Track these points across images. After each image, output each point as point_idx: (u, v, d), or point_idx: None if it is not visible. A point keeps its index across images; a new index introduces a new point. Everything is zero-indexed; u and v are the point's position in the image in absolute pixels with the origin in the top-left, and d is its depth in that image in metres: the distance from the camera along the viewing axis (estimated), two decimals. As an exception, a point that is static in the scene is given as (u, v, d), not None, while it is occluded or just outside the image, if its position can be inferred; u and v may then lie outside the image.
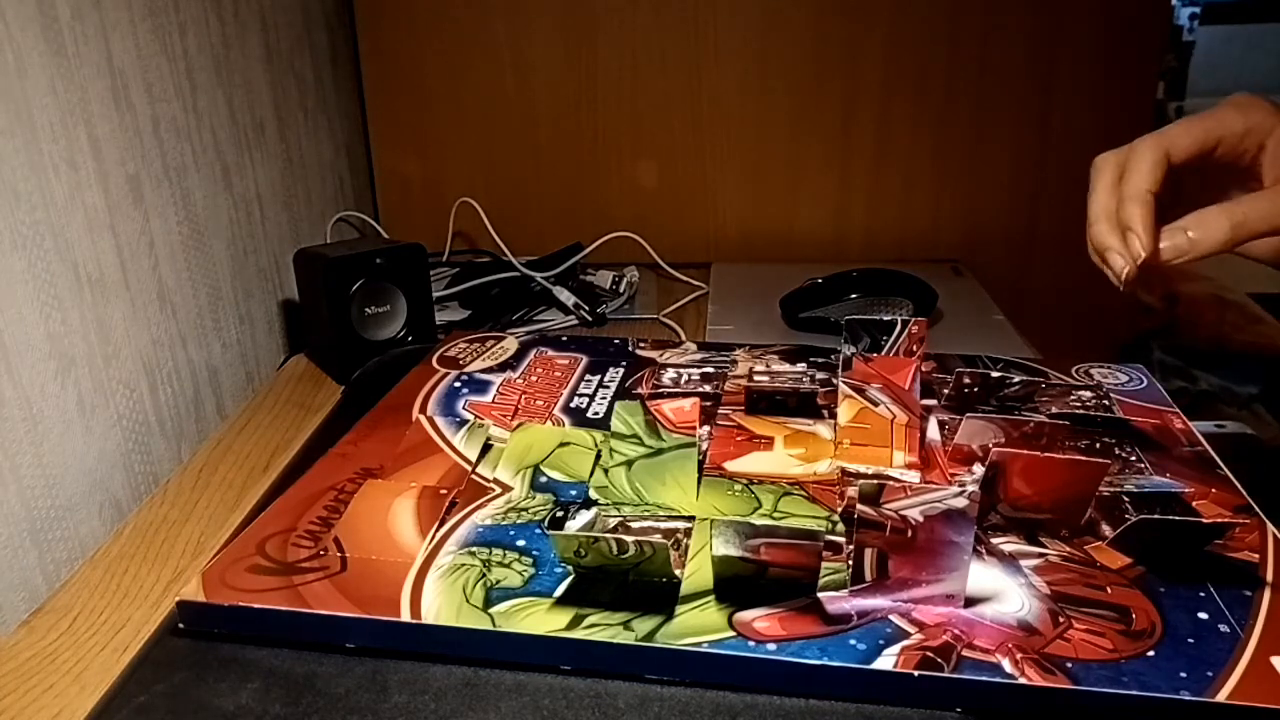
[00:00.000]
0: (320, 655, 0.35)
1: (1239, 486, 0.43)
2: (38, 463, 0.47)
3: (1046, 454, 0.39)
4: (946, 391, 0.51)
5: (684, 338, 0.76)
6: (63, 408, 0.49)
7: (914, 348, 0.50)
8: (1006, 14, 0.88)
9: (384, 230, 0.97)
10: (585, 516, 0.41)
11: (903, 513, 0.35)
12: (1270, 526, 0.40)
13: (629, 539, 0.35)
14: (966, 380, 0.50)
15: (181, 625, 0.37)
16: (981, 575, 0.37)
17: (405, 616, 0.35)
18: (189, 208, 0.63)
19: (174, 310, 0.61)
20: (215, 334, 0.67)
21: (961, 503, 0.34)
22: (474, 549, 0.39)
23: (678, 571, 0.37)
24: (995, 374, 0.50)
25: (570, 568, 0.37)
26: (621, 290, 0.84)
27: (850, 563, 0.36)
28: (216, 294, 0.67)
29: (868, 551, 0.35)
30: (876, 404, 0.46)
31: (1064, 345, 0.97)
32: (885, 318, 0.49)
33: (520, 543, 0.39)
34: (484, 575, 0.37)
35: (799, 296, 0.76)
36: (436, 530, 0.40)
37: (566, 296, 0.80)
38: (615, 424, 0.46)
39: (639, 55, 0.92)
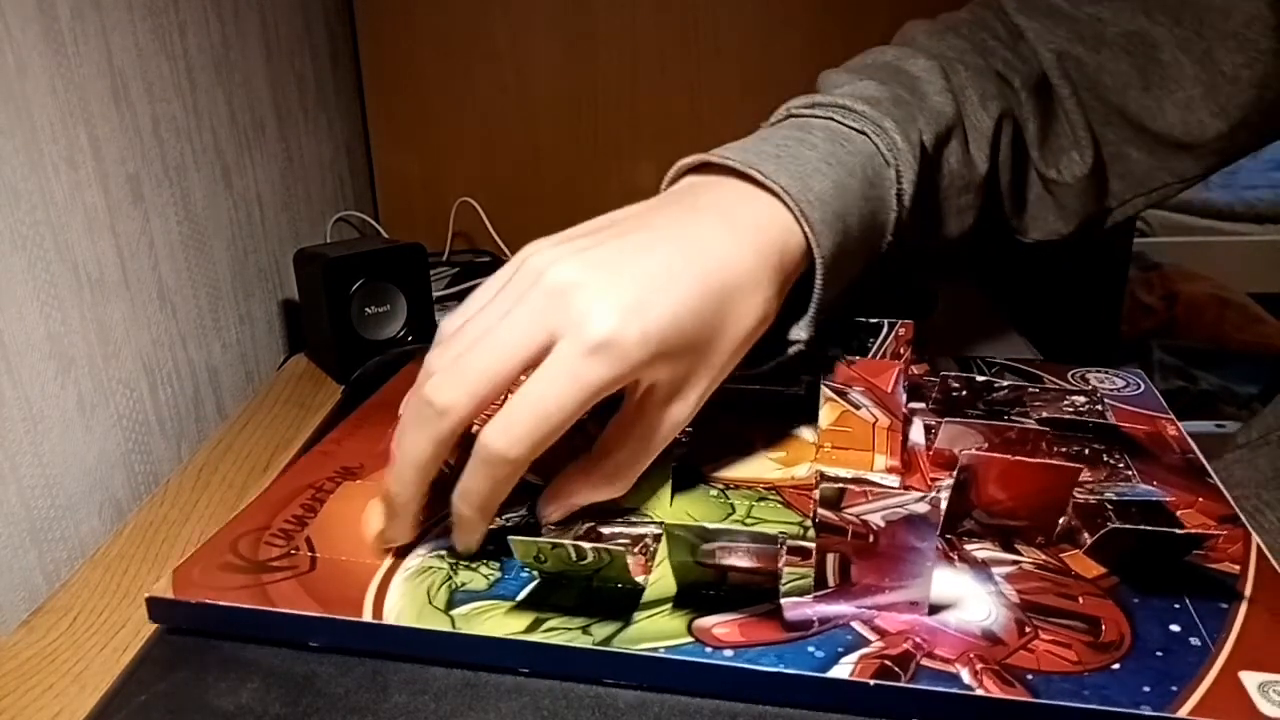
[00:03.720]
0: (320, 655, 0.35)
1: (1227, 496, 0.43)
2: (38, 463, 0.47)
3: (1016, 458, 0.38)
4: (933, 395, 0.50)
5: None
6: (63, 408, 0.49)
7: (901, 350, 0.49)
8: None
9: (384, 230, 0.97)
10: (553, 527, 0.41)
11: (864, 518, 0.34)
12: (1255, 538, 0.39)
13: (587, 545, 0.34)
14: (953, 384, 0.50)
15: (151, 621, 0.37)
16: (951, 582, 0.36)
17: (367, 617, 0.35)
18: (189, 208, 0.63)
19: (174, 310, 0.61)
20: (215, 334, 0.67)
21: (923, 508, 0.33)
22: (443, 552, 0.39)
23: (641, 577, 0.37)
24: (981, 378, 0.49)
25: (533, 572, 0.37)
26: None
27: (815, 568, 0.35)
28: (216, 294, 0.67)
29: (830, 557, 0.35)
30: (858, 407, 0.45)
31: (1064, 345, 0.97)
32: (871, 320, 0.49)
33: (489, 547, 0.39)
34: (450, 578, 0.37)
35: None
36: None
37: (566, 296, 0.80)
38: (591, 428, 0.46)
39: (639, 55, 0.92)
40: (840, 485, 0.34)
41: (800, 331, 0.43)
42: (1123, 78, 0.53)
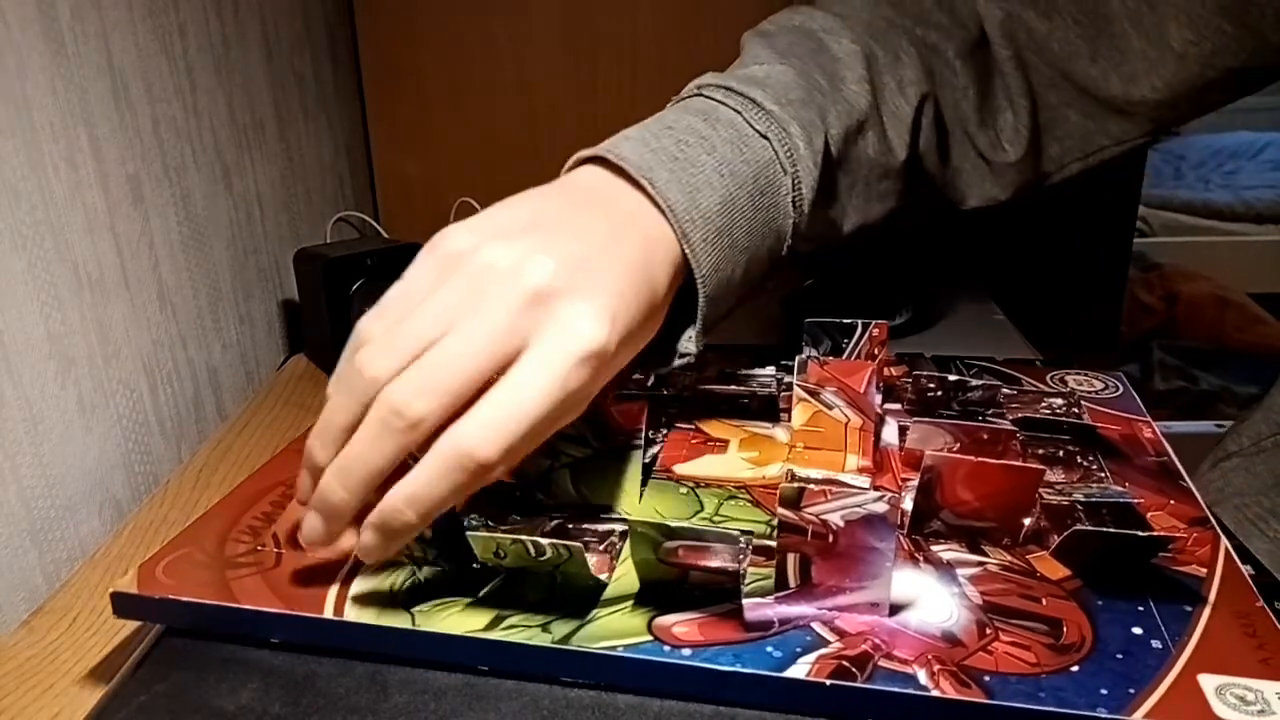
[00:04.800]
0: (320, 655, 0.35)
1: (1199, 498, 0.43)
2: (38, 463, 0.47)
3: (980, 459, 0.38)
4: (908, 395, 0.50)
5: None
6: (63, 408, 0.49)
7: (875, 351, 0.49)
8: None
9: (384, 230, 0.97)
10: (520, 523, 0.40)
11: (823, 517, 0.34)
12: (1224, 540, 0.39)
13: (545, 541, 0.34)
14: (927, 384, 0.49)
15: (116, 616, 0.37)
16: (914, 583, 0.36)
17: (329, 613, 0.35)
18: (189, 208, 0.63)
19: (174, 310, 0.61)
20: (215, 334, 0.67)
21: (881, 508, 0.33)
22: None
23: (604, 575, 0.37)
24: (954, 378, 0.49)
25: (497, 567, 0.37)
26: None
27: (776, 568, 0.35)
28: (216, 294, 0.67)
29: (791, 557, 0.35)
30: (831, 408, 0.45)
31: (1064, 345, 0.97)
32: (845, 321, 0.50)
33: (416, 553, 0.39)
34: (414, 574, 0.37)
35: (800, 297, 0.76)
36: None
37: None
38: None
39: (639, 55, 0.92)
40: (799, 485, 0.34)
41: (689, 344, 0.44)
42: (1071, 46, 0.53)
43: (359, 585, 0.37)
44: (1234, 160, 2.39)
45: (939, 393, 0.49)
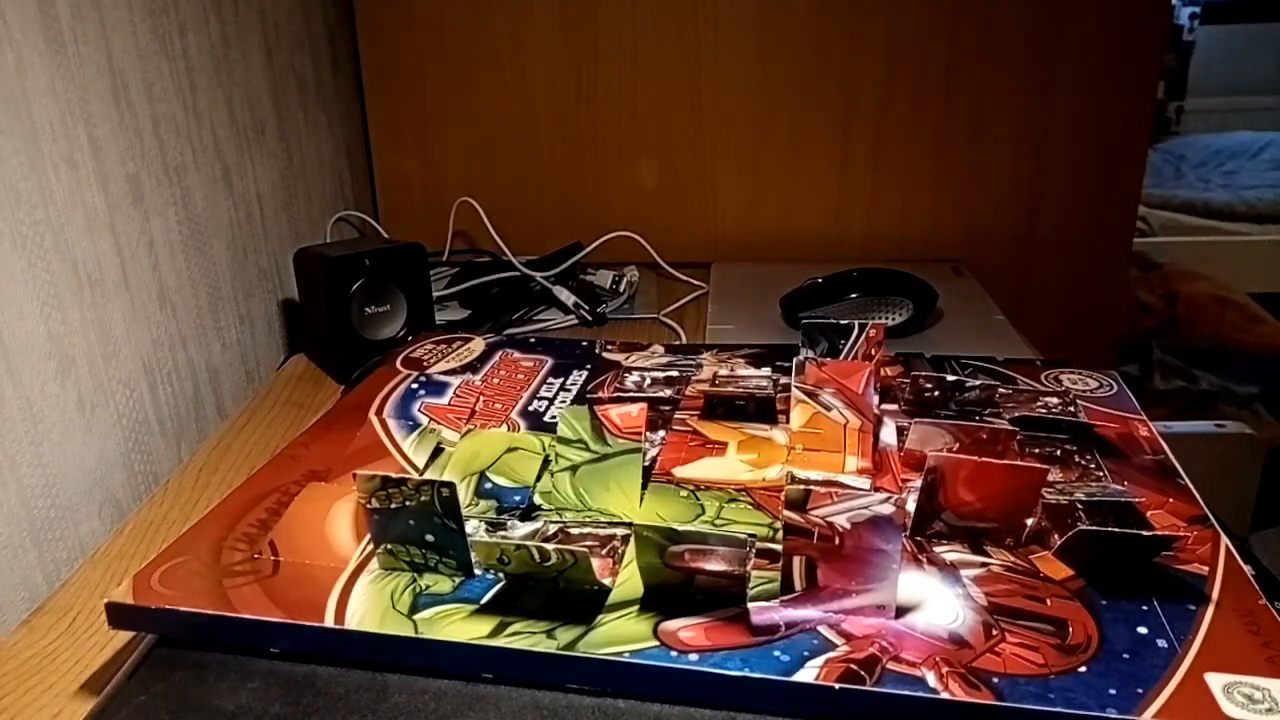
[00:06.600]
0: (320, 656, 0.35)
1: (1197, 497, 0.43)
2: (38, 462, 0.47)
3: (983, 459, 0.38)
4: (905, 396, 0.50)
5: (684, 338, 0.76)
6: (63, 407, 0.49)
7: (871, 352, 0.49)
8: (1006, 13, 0.88)
9: (384, 230, 0.97)
10: (520, 528, 0.40)
11: (829, 519, 0.34)
12: (1224, 539, 0.39)
13: (550, 547, 0.34)
14: (924, 384, 0.49)
15: (111, 628, 0.37)
16: (919, 585, 0.36)
17: (329, 622, 0.35)
18: (189, 208, 0.63)
19: (174, 310, 0.61)
20: (215, 334, 0.67)
21: (887, 509, 0.33)
22: (408, 546, 0.38)
23: (607, 580, 0.36)
24: (951, 378, 0.49)
25: (500, 574, 0.37)
26: (621, 290, 0.84)
27: (782, 571, 0.35)
28: (216, 294, 0.67)
29: (796, 560, 0.35)
30: (829, 409, 0.45)
31: (1064, 345, 0.97)
32: (842, 322, 0.49)
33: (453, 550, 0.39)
34: (414, 581, 0.37)
35: (799, 296, 0.76)
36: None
37: (566, 296, 0.80)
38: (561, 429, 0.46)
39: (639, 55, 0.92)
40: (805, 487, 0.34)
41: None
42: None
43: (359, 593, 0.36)
44: (1234, 160, 2.39)
45: (936, 393, 0.49)
